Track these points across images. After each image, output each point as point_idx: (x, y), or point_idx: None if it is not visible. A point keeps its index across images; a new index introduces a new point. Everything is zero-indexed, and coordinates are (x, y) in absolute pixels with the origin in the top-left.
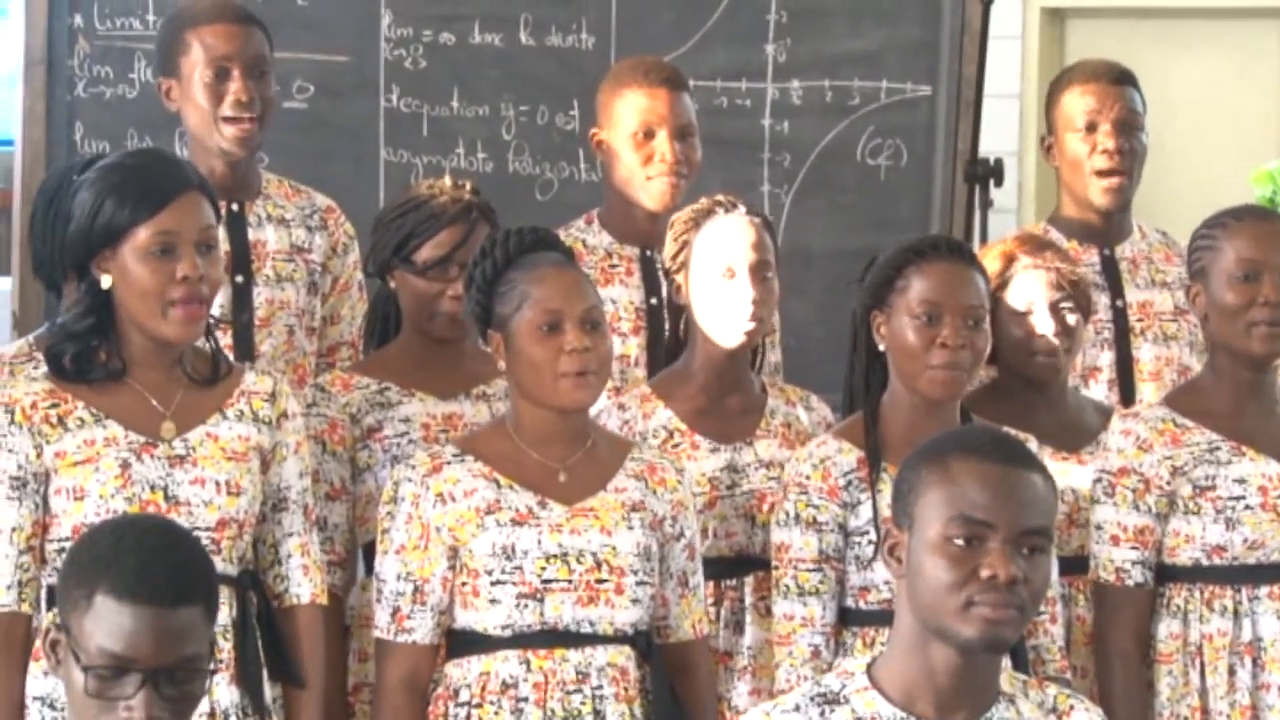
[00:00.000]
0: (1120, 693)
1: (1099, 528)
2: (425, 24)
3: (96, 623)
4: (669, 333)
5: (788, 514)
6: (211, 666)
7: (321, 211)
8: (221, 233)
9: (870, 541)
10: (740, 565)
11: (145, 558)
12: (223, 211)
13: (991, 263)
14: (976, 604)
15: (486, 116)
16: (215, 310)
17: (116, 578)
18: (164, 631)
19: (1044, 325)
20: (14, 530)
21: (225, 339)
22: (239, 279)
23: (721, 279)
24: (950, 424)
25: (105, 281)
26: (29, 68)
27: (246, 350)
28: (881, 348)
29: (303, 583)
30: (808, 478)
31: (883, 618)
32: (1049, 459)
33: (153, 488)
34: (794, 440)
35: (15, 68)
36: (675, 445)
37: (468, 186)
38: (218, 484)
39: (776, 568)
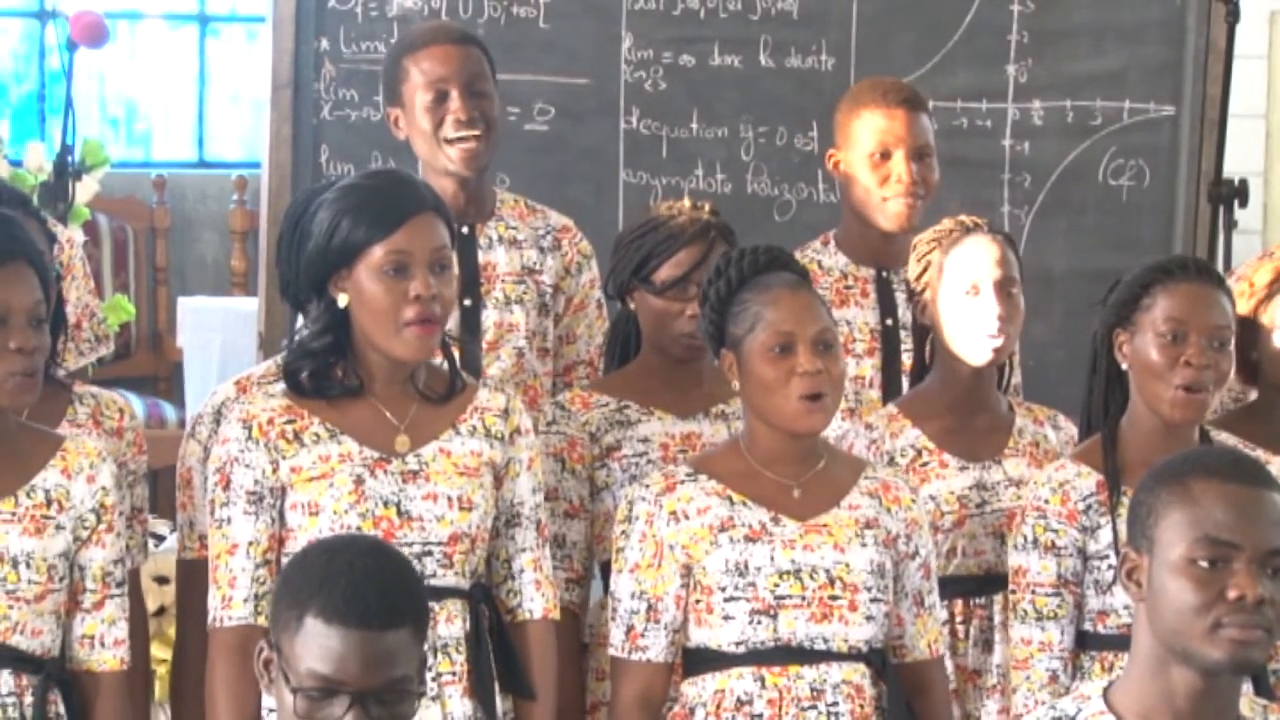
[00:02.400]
0: None
1: None
2: (665, 46)
3: (306, 645)
4: (913, 354)
5: (1026, 538)
6: (420, 689)
7: (556, 231)
8: None
9: (1110, 566)
10: (989, 584)
11: (355, 581)
12: None
13: (1262, 275)
14: (1224, 626)
15: (725, 138)
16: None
17: (326, 601)
18: (372, 654)
19: None
20: (250, 544)
21: None
22: (467, 302)
23: (966, 297)
24: (1189, 445)
25: (341, 300)
26: (276, 91)
27: (474, 373)
28: (1124, 366)
29: (535, 598)
30: (1046, 501)
31: (1122, 642)
32: None
33: (385, 503)
34: (1042, 459)
35: (263, 92)
36: (924, 464)
37: (706, 207)
38: (450, 499)
39: (1014, 591)
